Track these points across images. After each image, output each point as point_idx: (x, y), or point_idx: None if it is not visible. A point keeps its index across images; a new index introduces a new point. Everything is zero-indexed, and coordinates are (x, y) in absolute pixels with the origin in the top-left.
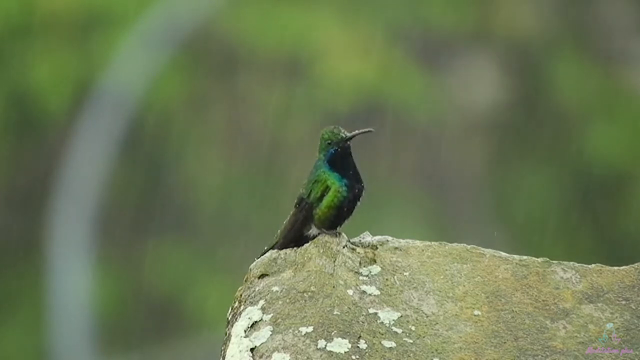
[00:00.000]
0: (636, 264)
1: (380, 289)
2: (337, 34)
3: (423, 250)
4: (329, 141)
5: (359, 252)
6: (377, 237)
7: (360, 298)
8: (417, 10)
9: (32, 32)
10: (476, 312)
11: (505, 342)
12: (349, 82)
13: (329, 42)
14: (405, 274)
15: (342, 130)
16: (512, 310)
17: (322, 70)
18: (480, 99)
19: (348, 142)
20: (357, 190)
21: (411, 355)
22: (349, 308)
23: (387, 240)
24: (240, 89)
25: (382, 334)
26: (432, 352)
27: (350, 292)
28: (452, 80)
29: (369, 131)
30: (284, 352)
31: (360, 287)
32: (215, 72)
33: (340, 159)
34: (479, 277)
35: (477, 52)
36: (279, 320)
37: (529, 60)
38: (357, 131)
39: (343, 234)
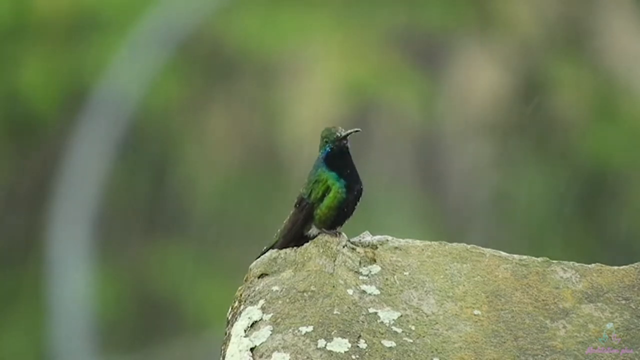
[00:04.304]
0: (636, 263)
1: (380, 289)
2: (335, 35)
3: (423, 250)
4: (326, 139)
5: (359, 252)
6: (377, 237)
7: (360, 298)
8: (415, 11)
9: (29, 35)
10: (476, 312)
11: (505, 342)
12: (347, 83)
13: (326, 44)
14: (405, 273)
15: (340, 130)
16: (512, 310)
17: (320, 72)
18: (479, 99)
19: (344, 141)
20: (356, 192)
21: (411, 354)
22: (349, 308)
23: (387, 240)
24: (238, 91)
25: (382, 334)
26: (432, 352)
27: (350, 291)
28: (451, 81)
29: (356, 131)
30: (284, 352)
31: (360, 286)
32: (213, 74)
33: (336, 158)
34: (478, 276)
35: (475, 52)
36: (279, 319)
37: (528, 60)
38: (346, 131)
39: (343, 233)
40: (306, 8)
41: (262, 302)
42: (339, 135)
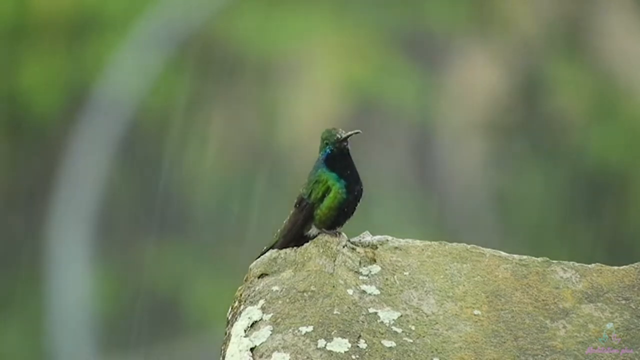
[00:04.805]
0: (636, 263)
1: (380, 289)
2: (334, 35)
3: (423, 250)
4: (326, 141)
5: (359, 252)
6: (377, 237)
7: (360, 298)
8: (415, 10)
9: (30, 34)
10: (476, 312)
11: (505, 342)
12: (347, 82)
13: (326, 43)
14: (405, 273)
15: (340, 131)
16: (512, 310)
17: (320, 71)
18: (479, 99)
19: (344, 143)
20: (356, 192)
21: (411, 354)
22: (349, 308)
23: (387, 240)
24: (238, 90)
25: (382, 334)
26: (432, 352)
27: (350, 291)
28: (450, 80)
29: (356, 132)
30: (284, 352)
31: (360, 286)
32: (213, 74)
33: (337, 159)
34: (478, 276)
35: (475, 52)
36: (279, 319)
37: (528, 60)
38: (347, 133)
39: (343, 233)
40: (306, 7)
41: (262, 302)
42: (339, 137)
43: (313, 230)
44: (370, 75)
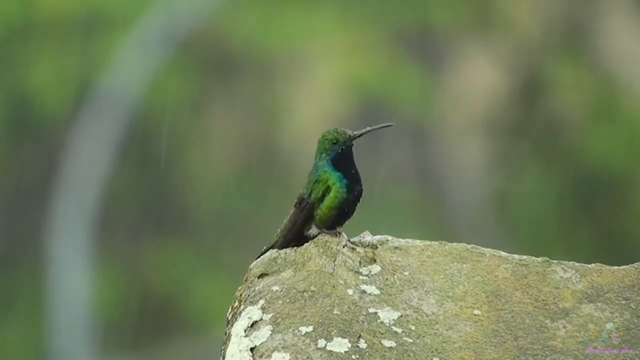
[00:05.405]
0: (636, 263)
1: (380, 289)
2: (336, 34)
3: (423, 250)
4: (334, 141)
5: (359, 252)
6: (377, 237)
7: (360, 297)
8: (417, 9)
9: (33, 33)
10: (476, 312)
11: (505, 342)
12: (349, 82)
13: (328, 42)
14: (405, 273)
15: (346, 130)
16: (512, 310)
17: (322, 70)
18: (479, 99)
19: (352, 141)
20: (356, 192)
21: (411, 354)
22: (349, 307)
23: (387, 240)
24: (240, 90)
25: (382, 334)
26: (432, 352)
27: (350, 291)
28: (451, 80)
29: (388, 125)
30: (284, 352)
31: (360, 286)
32: (215, 73)
33: (344, 158)
34: (478, 276)
35: (476, 51)
36: (279, 319)
37: (528, 60)
38: (361, 130)
39: (343, 233)
40: (309, 6)
41: (262, 302)
42: (353, 135)
43: (313, 230)
44: (372, 74)
